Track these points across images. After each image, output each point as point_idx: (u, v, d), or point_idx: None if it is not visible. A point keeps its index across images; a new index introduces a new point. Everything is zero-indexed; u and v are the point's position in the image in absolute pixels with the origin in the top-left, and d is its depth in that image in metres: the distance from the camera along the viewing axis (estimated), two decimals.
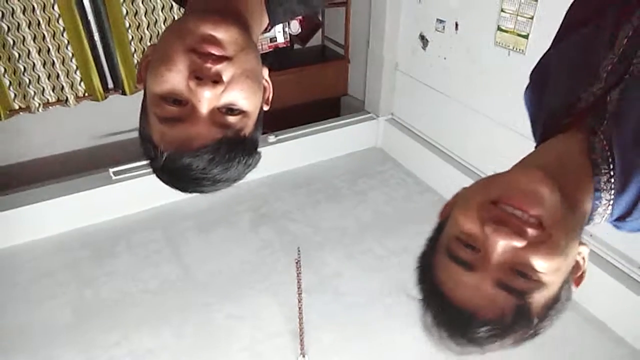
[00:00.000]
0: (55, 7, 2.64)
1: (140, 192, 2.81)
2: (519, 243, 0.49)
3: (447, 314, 0.54)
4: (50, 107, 2.90)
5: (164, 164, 0.59)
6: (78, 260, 2.62)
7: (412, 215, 2.95)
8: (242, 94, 0.58)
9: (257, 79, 0.61)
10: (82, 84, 2.92)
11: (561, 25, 0.74)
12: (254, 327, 2.26)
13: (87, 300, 2.40)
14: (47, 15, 2.64)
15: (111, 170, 2.83)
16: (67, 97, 2.90)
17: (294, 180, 3.25)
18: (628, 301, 2.12)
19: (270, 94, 0.69)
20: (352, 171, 3.35)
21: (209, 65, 0.55)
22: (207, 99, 0.56)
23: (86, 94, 2.97)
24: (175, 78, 0.56)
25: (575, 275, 0.57)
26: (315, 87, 3.66)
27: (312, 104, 3.66)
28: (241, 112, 0.59)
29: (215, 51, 0.56)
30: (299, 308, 2.06)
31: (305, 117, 3.47)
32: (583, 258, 0.57)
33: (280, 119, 3.42)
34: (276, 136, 3.25)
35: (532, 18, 2.29)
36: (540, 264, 0.49)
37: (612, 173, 0.57)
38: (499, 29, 2.47)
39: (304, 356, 2.10)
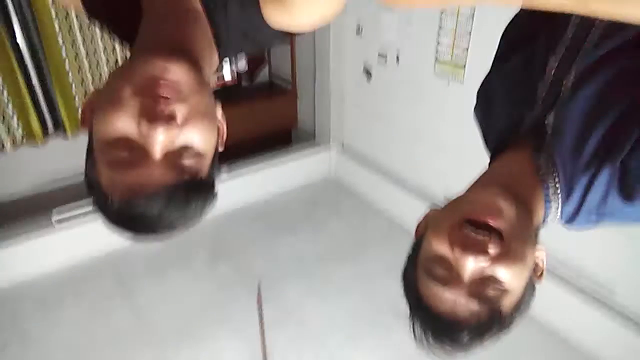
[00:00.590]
0: None
1: (87, 237, 2.68)
2: (484, 262, 0.59)
3: (432, 324, 0.64)
4: None
5: (116, 213, 0.56)
6: (20, 316, 2.44)
7: (368, 241, 2.98)
8: (197, 134, 0.56)
9: (212, 118, 0.59)
10: (19, 129, 2.80)
11: (499, 46, 0.82)
12: None
13: (30, 356, 2.22)
14: None
15: (53, 216, 2.70)
16: (3, 144, 2.76)
17: (250, 215, 3.21)
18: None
19: (224, 134, 0.67)
20: (307, 202, 3.36)
21: (161, 107, 0.52)
22: (160, 142, 0.53)
23: (24, 139, 2.84)
24: (125, 122, 0.53)
25: (537, 274, 0.67)
26: (265, 121, 3.68)
27: (263, 138, 3.67)
28: (197, 154, 0.57)
29: (167, 93, 0.53)
30: (263, 343, 2.01)
31: (257, 152, 3.47)
32: (542, 260, 0.67)
33: (232, 154, 3.40)
34: (229, 171, 3.22)
35: (467, 49, 2.43)
36: (504, 274, 0.60)
37: (557, 185, 0.67)
38: (437, 60, 2.61)
39: None
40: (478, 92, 0.86)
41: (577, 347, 2.24)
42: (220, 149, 0.66)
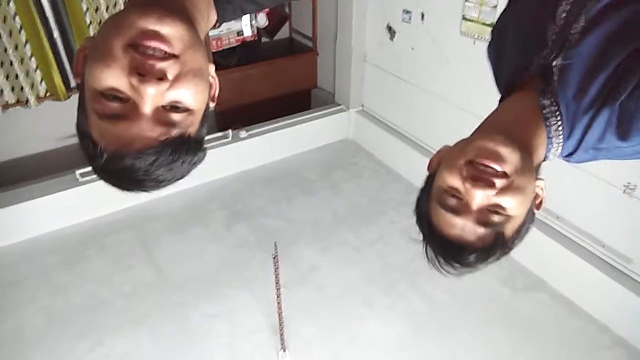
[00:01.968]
0: (11, 4, 2.53)
1: (109, 194, 2.71)
2: (491, 192, 0.66)
3: (444, 248, 0.71)
4: (10, 108, 2.79)
5: (104, 165, 0.56)
6: (48, 266, 2.55)
7: (385, 204, 2.98)
8: (188, 91, 0.55)
9: (203, 76, 0.58)
10: (43, 83, 2.82)
11: None
12: (232, 325, 2.25)
13: (59, 307, 2.33)
14: (2, 13, 2.53)
15: (78, 172, 2.75)
16: (27, 98, 2.79)
17: (267, 175, 3.23)
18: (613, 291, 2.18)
19: (216, 91, 0.66)
20: (324, 164, 3.35)
21: (152, 62, 0.52)
22: (150, 96, 0.53)
23: (48, 94, 2.87)
24: (115, 74, 0.53)
25: (537, 202, 0.74)
26: (284, 80, 3.64)
27: (282, 97, 3.64)
28: (186, 110, 0.57)
29: (161, 46, 0.53)
30: (278, 303, 2.05)
31: (276, 111, 3.45)
32: (541, 189, 0.74)
33: (251, 113, 3.39)
34: (247, 131, 3.22)
35: (495, 7, 2.32)
36: (507, 202, 0.67)
37: (559, 123, 0.73)
38: (464, 18, 2.51)
39: (284, 350, 2.10)
40: (492, 30, 0.89)
41: (591, 316, 2.24)
42: (212, 105, 0.65)
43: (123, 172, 0.56)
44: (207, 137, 0.65)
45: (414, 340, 2.18)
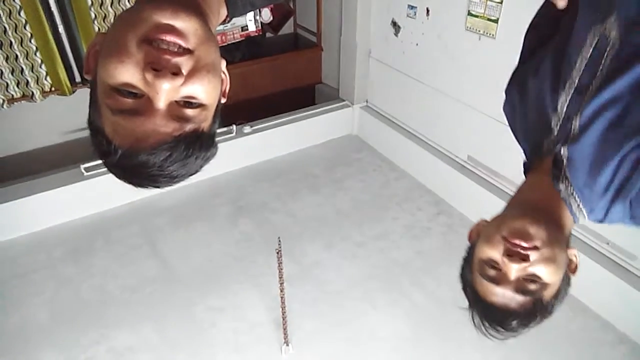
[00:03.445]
0: None
1: (114, 188, 2.74)
2: (526, 264, 0.74)
3: (488, 314, 0.79)
4: (15, 103, 2.81)
5: (118, 161, 0.56)
6: (53, 260, 2.57)
7: (389, 201, 2.98)
8: (202, 87, 0.55)
9: (217, 72, 0.58)
10: (48, 78, 2.83)
11: (522, 46, 0.91)
12: (236, 319, 2.26)
13: (64, 300, 2.35)
14: (8, 7, 2.54)
15: (82, 166, 2.77)
16: (32, 92, 2.80)
17: (272, 171, 3.23)
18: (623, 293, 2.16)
19: (227, 87, 0.66)
20: (328, 159, 3.36)
21: (167, 57, 0.52)
22: (165, 91, 0.53)
23: (53, 89, 2.88)
24: (130, 70, 0.52)
25: (571, 268, 0.82)
26: (289, 75, 3.64)
27: (287, 92, 3.64)
28: (200, 105, 0.57)
29: (177, 40, 0.53)
30: (281, 298, 2.06)
31: (280, 106, 3.45)
32: (575, 256, 0.82)
33: (255, 108, 3.39)
34: (252, 126, 3.22)
35: (501, 2, 2.31)
36: (541, 271, 0.75)
37: (578, 204, 0.79)
38: (469, 14, 2.49)
39: (287, 345, 2.12)
40: (506, 90, 0.93)
41: (595, 312, 2.24)
42: (223, 101, 0.65)
43: (137, 168, 0.56)
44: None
45: (416, 336, 2.19)
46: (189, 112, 0.56)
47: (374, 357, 2.11)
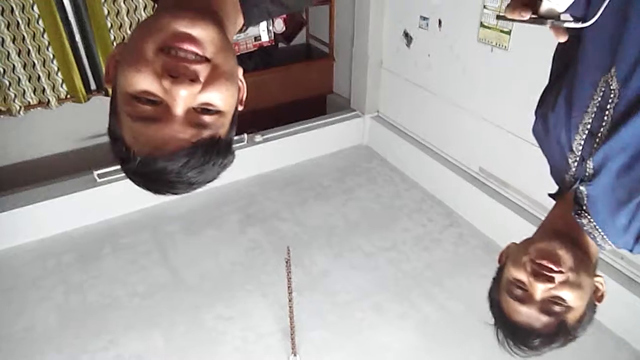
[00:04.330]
0: (35, 7, 2.59)
1: (126, 195, 2.77)
2: (551, 285, 0.77)
3: (512, 332, 0.82)
4: (31, 109, 2.85)
5: (137, 167, 0.57)
6: (63, 265, 2.59)
7: (399, 212, 2.97)
8: (219, 94, 0.56)
9: (234, 79, 0.59)
10: (63, 85, 2.87)
11: (551, 72, 0.92)
12: (244, 328, 2.25)
13: (73, 305, 2.36)
14: (27, 16, 2.59)
15: (95, 172, 2.80)
16: (48, 99, 2.85)
17: (282, 180, 3.24)
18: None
19: (244, 94, 0.67)
20: (339, 169, 3.36)
21: (185, 64, 0.53)
22: (182, 98, 0.53)
23: (68, 96, 2.93)
24: (148, 78, 0.53)
25: (597, 295, 0.84)
26: (300, 85, 3.65)
27: (298, 102, 3.65)
28: (217, 112, 0.57)
29: (194, 48, 0.53)
30: (290, 307, 2.06)
31: (292, 116, 3.46)
32: (601, 284, 0.85)
33: (267, 117, 3.41)
34: (262, 135, 3.24)
35: None
36: (566, 295, 0.78)
37: (603, 236, 0.82)
38: (482, 25, 2.49)
39: (295, 355, 2.10)
40: (535, 112, 0.94)
41: (609, 329, 2.19)
42: (240, 109, 0.66)
43: (156, 175, 0.57)
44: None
45: (426, 348, 2.16)
46: (207, 118, 0.57)
47: None
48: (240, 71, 0.63)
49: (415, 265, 2.58)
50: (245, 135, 3.15)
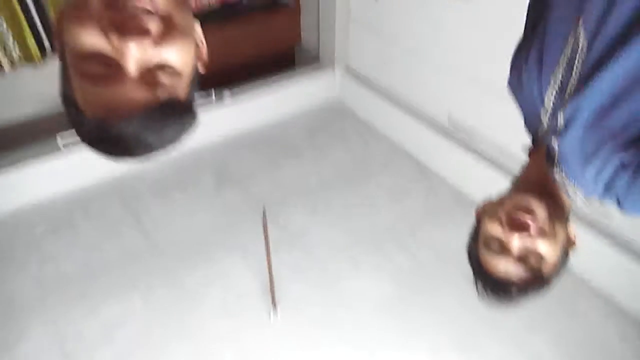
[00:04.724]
0: None
1: (94, 160, 2.69)
2: (526, 237, 0.80)
3: (490, 283, 0.86)
4: None
5: (91, 132, 0.54)
6: (34, 235, 2.54)
7: (371, 166, 3.00)
8: (174, 52, 0.53)
9: (190, 36, 0.56)
10: (16, 47, 2.72)
11: (525, 23, 0.91)
12: (223, 287, 2.29)
13: (49, 275, 2.34)
14: None
15: (60, 138, 2.70)
16: (0, 64, 2.70)
17: (253, 139, 3.21)
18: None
19: (205, 55, 0.64)
20: (310, 125, 3.34)
21: (133, 19, 0.50)
22: (133, 54, 0.50)
23: (22, 59, 2.77)
24: (95, 34, 0.50)
25: (570, 244, 0.88)
26: (266, 40, 3.54)
27: (265, 58, 3.56)
28: (174, 72, 0.55)
29: (143, 3, 0.50)
30: (268, 264, 2.09)
31: (260, 71, 3.38)
32: (573, 234, 0.88)
33: (234, 74, 3.32)
34: (231, 93, 3.17)
35: None
36: (542, 247, 0.81)
37: (574, 187, 0.84)
38: None
39: (275, 310, 2.16)
40: (510, 66, 0.94)
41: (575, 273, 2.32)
42: (201, 71, 0.63)
43: (111, 139, 0.54)
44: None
45: (400, 296, 2.25)
46: (163, 79, 0.54)
47: (359, 316, 2.17)
48: (199, 30, 0.60)
49: (388, 218, 2.64)
50: (213, 92, 3.08)
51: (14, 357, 2.01)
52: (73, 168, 2.75)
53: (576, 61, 0.74)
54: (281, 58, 3.68)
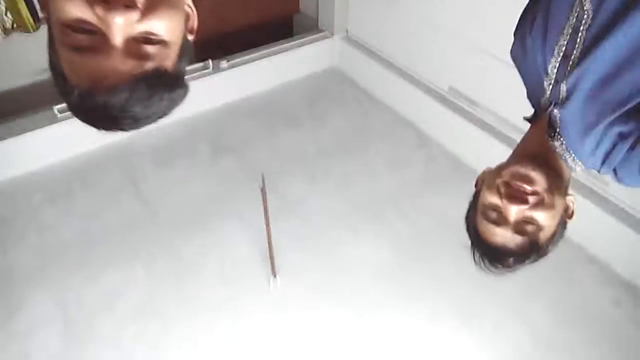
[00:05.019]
0: None
1: (90, 129, 2.67)
2: (524, 206, 0.80)
3: (488, 252, 0.86)
4: None
5: (78, 102, 0.54)
6: (32, 204, 2.54)
7: (371, 134, 2.98)
8: (161, 21, 0.52)
9: (178, 5, 0.55)
10: (8, 15, 2.65)
11: None
12: (222, 255, 2.31)
13: (49, 244, 2.35)
14: None
15: (56, 108, 2.67)
16: None
17: (251, 108, 3.18)
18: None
19: (194, 23, 0.62)
20: (309, 93, 3.30)
21: None
22: (119, 26, 0.49)
23: (15, 26, 2.71)
24: (80, 4, 0.49)
25: (568, 213, 0.88)
26: (264, 5, 3.47)
27: (263, 25, 3.49)
28: (161, 42, 0.53)
29: None
30: (267, 232, 2.10)
31: (258, 39, 3.32)
32: (572, 202, 0.89)
33: (230, 41, 3.26)
34: (228, 61, 3.12)
35: None
36: (539, 216, 0.81)
37: (573, 158, 0.84)
38: None
39: (275, 276, 2.19)
40: (514, 33, 0.92)
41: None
42: (191, 38, 0.62)
43: (97, 111, 0.53)
44: (186, 69, 0.63)
45: (400, 263, 2.28)
46: (150, 49, 0.53)
47: (359, 282, 2.20)
48: None
49: (387, 186, 2.65)
50: (210, 62, 3.03)
51: (16, 326, 2.04)
52: (70, 137, 2.71)
53: (581, 30, 0.73)
54: (279, 25, 3.60)
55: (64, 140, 2.73)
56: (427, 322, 2.07)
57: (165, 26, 0.53)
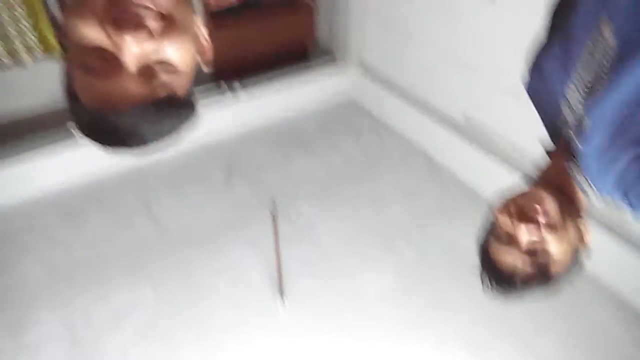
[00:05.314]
0: None
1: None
2: (534, 227, 0.80)
3: (495, 275, 0.86)
4: (6, 69, 2.75)
5: (89, 123, 0.55)
6: (47, 224, 2.58)
7: (383, 162, 3.00)
8: (175, 49, 0.54)
9: (191, 35, 0.57)
10: (37, 42, 2.76)
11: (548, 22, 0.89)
12: (233, 279, 2.31)
13: (60, 262, 2.37)
14: None
15: (75, 131, 2.74)
16: (22, 57, 2.75)
17: (265, 135, 3.22)
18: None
19: (211, 54, 0.64)
20: (323, 122, 3.34)
21: (131, 14, 0.50)
22: (130, 49, 0.51)
23: (42, 52, 2.82)
24: (94, 27, 0.51)
25: (582, 243, 0.86)
26: (280, 36, 3.55)
27: (279, 55, 3.57)
28: (174, 70, 0.55)
29: (143, 1, 0.51)
30: (277, 257, 2.11)
31: (273, 67, 3.39)
32: (587, 230, 0.86)
33: (247, 68, 3.34)
34: (244, 88, 3.18)
35: None
36: (550, 245, 0.80)
37: (592, 187, 0.83)
38: None
39: (283, 301, 2.18)
40: (530, 66, 0.92)
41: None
42: (205, 70, 0.64)
43: (108, 132, 0.55)
44: (202, 94, 0.65)
45: (408, 289, 2.25)
46: (163, 77, 0.55)
47: (367, 308, 2.18)
48: (204, 29, 0.61)
49: (398, 213, 2.64)
50: (227, 88, 3.10)
51: (24, 341, 2.05)
52: (88, 159, 2.78)
53: (601, 59, 0.71)
54: (295, 54, 3.68)
55: (81, 161, 2.79)
56: (434, 350, 2.03)
57: (177, 53, 0.55)
